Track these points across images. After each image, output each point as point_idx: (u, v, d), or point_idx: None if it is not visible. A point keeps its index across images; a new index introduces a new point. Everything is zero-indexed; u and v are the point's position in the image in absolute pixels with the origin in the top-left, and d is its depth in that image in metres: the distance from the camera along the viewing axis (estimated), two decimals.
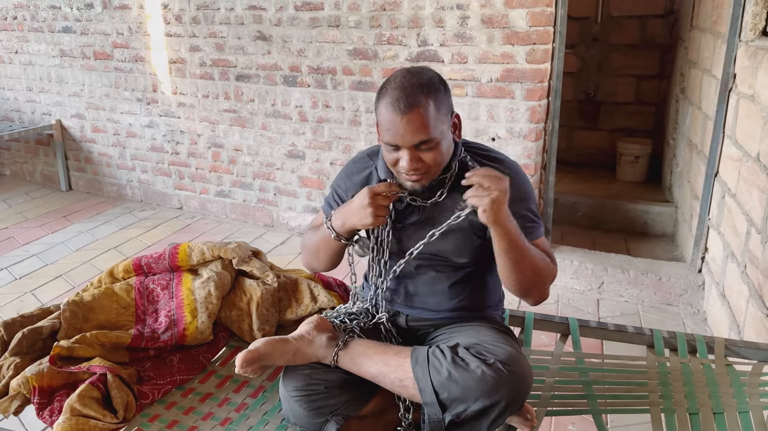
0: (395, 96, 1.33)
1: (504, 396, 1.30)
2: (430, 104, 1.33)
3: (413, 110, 1.32)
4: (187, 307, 1.81)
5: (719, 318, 2.59)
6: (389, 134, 1.35)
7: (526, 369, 1.36)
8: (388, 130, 1.35)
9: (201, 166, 4.22)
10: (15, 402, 1.55)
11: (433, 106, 1.34)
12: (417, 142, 1.34)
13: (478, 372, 1.31)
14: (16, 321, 1.72)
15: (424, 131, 1.33)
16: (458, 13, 3.10)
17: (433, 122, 1.34)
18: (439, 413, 1.34)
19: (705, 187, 2.88)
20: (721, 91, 2.69)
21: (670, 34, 4.43)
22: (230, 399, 1.62)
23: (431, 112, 1.33)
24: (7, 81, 4.97)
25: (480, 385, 1.30)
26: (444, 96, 1.38)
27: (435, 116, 1.34)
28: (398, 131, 1.34)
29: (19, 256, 3.59)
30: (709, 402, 1.55)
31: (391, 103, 1.33)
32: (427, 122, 1.33)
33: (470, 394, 1.30)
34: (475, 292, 1.57)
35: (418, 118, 1.32)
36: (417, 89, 1.33)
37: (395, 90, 1.34)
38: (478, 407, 1.31)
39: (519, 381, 1.33)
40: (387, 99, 1.35)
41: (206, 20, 3.85)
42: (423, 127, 1.33)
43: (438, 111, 1.35)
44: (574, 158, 4.84)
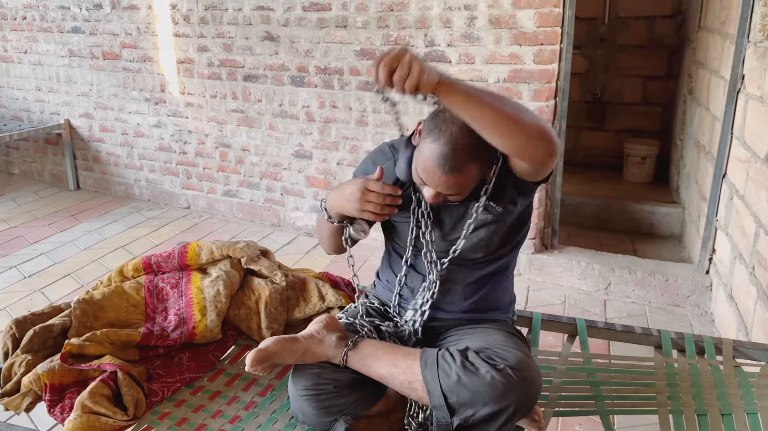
0: (444, 153, 1.30)
1: (513, 402, 1.30)
2: (470, 174, 1.35)
3: (455, 175, 1.32)
4: (197, 306, 1.82)
5: (727, 319, 2.59)
6: (424, 175, 1.35)
7: (536, 375, 1.37)
8: (425, 171, 1.34)
9: (208, 165, 4.23)
10: (26, 399, 1.56)
11: (472, 176, 1.36)
12: (444, 193, 1.38)
13: (488, 377, 1.31)
14: (28, 319, 1.74)
15: (457, 191, 1.37)
16: (466, 13, 3.10)
17: (465, 187, 1.37)
18: (447, 417, 1.35)
19: (713, 188, 2.87)
20: (730, 92, 2.68)
21: (677, 35, 4.42)
22: (239, 398, 1.63)
23: (468, 180, 1.36)
24: (16, 81, 5.00)
25: (489, 390, 1.30)
26: (487, 153, 1.35)
27: (469, 183, 1.37)
28: (433, 181, 1.35)
29: (28, 255, 3.62)
30: (717, 404, 1.55)
31: (438, 156, 1.30)
32: (463, 186, 1.36)
33: (479, 399, 1.31)
34: (488, 294, 1.57)
35: (456, 181, 1.34)
36: (468, 155, 1.31)
37: (447, 146, 1.29)
38: (486, 412, 1.31)
39: (528, 386, 1.33)
40: (436, 147, 1.30)
41: (214, 20, 3.86)
42: (458, 187, 1.36)
43: (475, 178, 1.37)
44: (581, 159, 4.83)
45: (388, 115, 3.46)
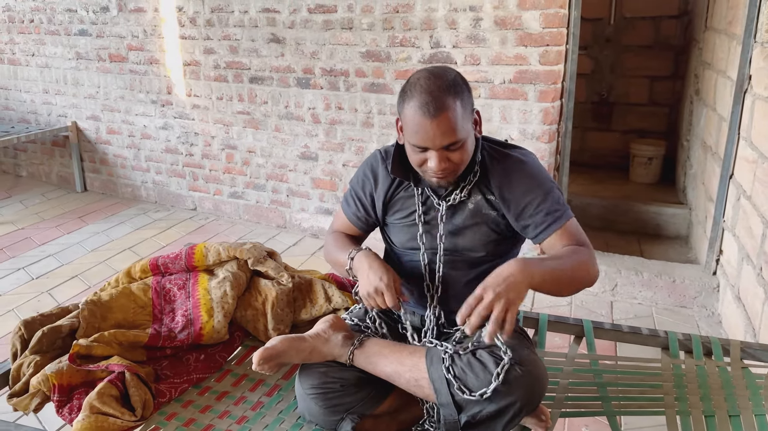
0: (423, 100, 1.33)
1: (519, 398, 1.31)
2: (458, 106, 1.35)
3: (442, 114, 1.32)
4: (204, 307, 1.83)
5: (734, 320, 2.58)
6: (417, 137, 1.36)
7: (542, 371, 1.37)
8: (417, 133, 1.36)
9: (215, 167, 4.25)
10: (35, 399, 1.57)
11: (460, 107, 1.35)
12: (447, 143, 1.36)
13: (495, 373, 1.31)
14: (36, 319, 1.75)
15: (453, 133, 1.35)
16: (471, 14, 3.11)
17: (461, 123, 1.35)
18: (454, 414, 1.35)
19: (720, 188, 2.86)
20: (737, 93, 2.67)
21: (683, 35, 4.41)
22: (246, 398, 1.64)
23: (459, 113, 1.35)
24: (24, 83, 5.03)
25: (495, 386, 1.30)
26: (468, 95, 1.40)
27: (462, 117, 1.36)
28: (428, 134, 1.35)
29: (35, 256, 3.64)
30: (725, 405, 1.55)
31: (420, 107, 1.34)
32: (456, 124, 1.34)
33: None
34: None
35: (448, 121, 1.33)
36: (444, 92, 1.34)
37: (422, 94, 1.34)
38: (493, 408, 1.32)
39: (534, 382, 1.33)
40: (414, 103, 1.35)
41: (220, 23, 3.88)
42: (452, 129, 1.34)
43: (464, 111, 1.37)
44: (587, 159, 4.82)
45: (393, 117, 3.47)
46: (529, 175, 1.48)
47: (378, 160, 1.62)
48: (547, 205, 1.46)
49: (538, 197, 1.46)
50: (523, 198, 1.47)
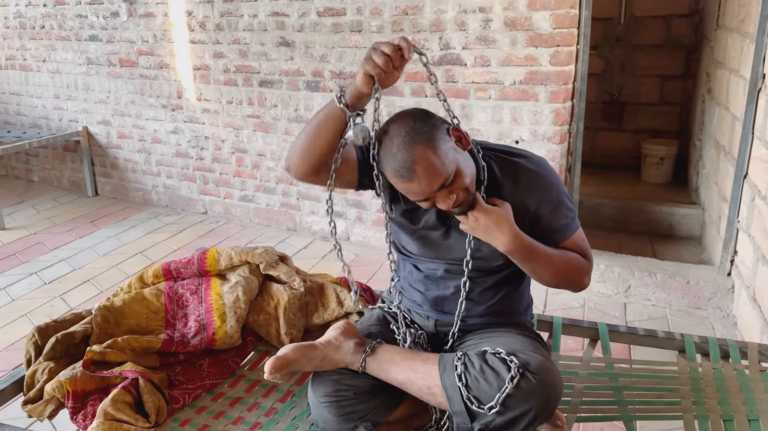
0: (393, 167, 1.32)
1: (534, 406, 1.29)
2: (428, 152, 1.30)
3: (417, 172, 1.30)
4: (216, 312, 1.83)
5: (750, 322, 2.55)
6: (411, 196, 1.38)
7: (557, 378, 1.35)
8: (408, 193, 1.37)
9: (225, 171, 4.26)
10: (49, 406, 1.57)
11: (432, 152, 1.30)
12: (438, 186, 1.32)
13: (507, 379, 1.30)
14: (50, 326, 1.75)
15: (439, 176, 1.31)
16: (481, 16, 3.09)
17: (441, 164, 1.31)
18: (468, 422, 1.34)
19: (734, 188, 2.83)
20: (750, 92, 2.65)
21: (695, 34, 4.37)
22: (259, 404, 1.63)
23: (434, 158, 1.30)
24: (35, 89, 5.07)
25: (510, 394, 1.29)
26: (431, 130, 1.33)
27: (439, 158, 1.31)
28: (416, 191, 1.34)
29: (48, 261, 3.66)
30: (744, 409, 1.53)
31: (395, 174, 1.33)
32: (436, 168, 1.30)
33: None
34: (504, 297, 1.57)
35: (426, 174, 1.30)
36: (408, 151, 1.30)
37: (391, 161, 1.32)
38: (507, 416, 1.30)
39: (549, 389, 1.32)
40: (389, 171, 1.34)
41: (230, 27, 3.88)
42: (435, 174, 1.31)
43: (439, 150, 1.31)
44: (599, 160, 4.79)
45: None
46: (540, 185, 1.47)
47: None
48: (556, 216, 1.47)
49: (548, 208, 1.46)
50: (534, 208, 1.46)
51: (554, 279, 1.48)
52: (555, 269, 1.46)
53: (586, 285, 1.52)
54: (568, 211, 1.49)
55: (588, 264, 1.51)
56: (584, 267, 1.50)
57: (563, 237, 1.48)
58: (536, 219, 1.47)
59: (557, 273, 1.47)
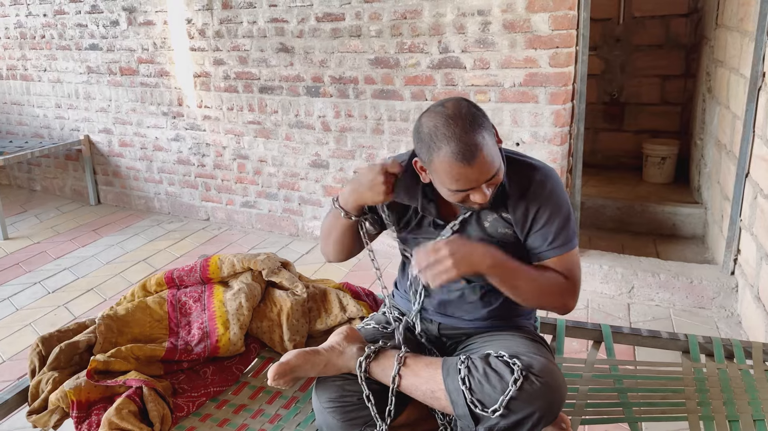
0: (456, 149, 1.29)
1: (538, 408, 1.29)
2: (487, 140, 1.32)
3: (479, 156, 1.29)
4: (219, 319, 1.83)
5: (754, 321, 2.54)
6: (459, 183, 1.33)
7: (560, 381, 1.35)
8: (457, 180, 1.32)
9: (227, 177, 4.26)
10: (54, 415, 1.58)
11: (489, 138, 1.32)
12: (489, 178, 1.33)
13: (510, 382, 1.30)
14: (54, 336, 1.75)
15: (493, 167, 1.33)
16: (479, 19, 3.10)
17: (497, 154, 1.34)
18: (472, 426, 1.34)
19: (736, 187, 2.83)
20: (750, 90, 2.64)
21: (694, 33, 4.37)
22: (264, 411, 1.63)
23: (490, 146, 1.32)
24: (36, 98, 5.09)
25: (513, 397, 1.29)
26: (486, 120, 1.36)
27: (493, 147, 1.34)
28: (470, 179, 1.32)
29: (51, 270, 3.66)
30: (749, 409, 1.52)
31: (455, 156, 1.30)
32: (493, 158, 1.32)
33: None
34: (508, 301, 1.56)
35: (485, 159, 1.31)
36: (472, 133, 1.30)
37: (452, 142, 1.30)
38: (511, 420, 1.30)
39: (553, 392, 1.31)
40: (446, 153, 1.31)
41: (229, 34, 3.90)
42: (491, 164, 1.32)
43: (492, 139, 1.34)
44: (600, 161, 4.79)
45: (403, 123, 3.47)
46: (547, 198, 1.44)
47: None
48: (554, 230, 1.45)
49: (549, 221, 1.44)
50: (535, 218, 1.45)
51: (535, 300, 1.45)
52: (537, 288, 1.43)
53: (570, 308, 1.48)
54: (568, 229, 1.47)
55: (570, 286, 1.47)
56: (566, 289, 1.46)
57: (555, 253, 1.45)
58: (533, 228, 1.45)
59: (540, 293, 1.43)
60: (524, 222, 1.45)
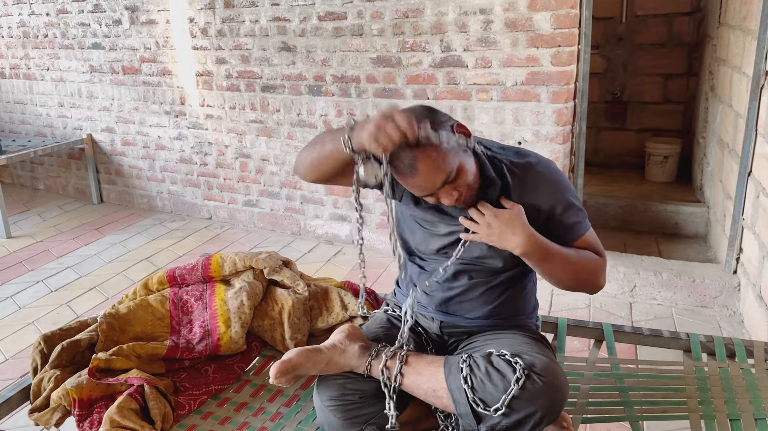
0: (397, 164, 1.30)
1: (540, 407, 1.29)
2: (430, 150, 1.28)
3: (418, 169, 1.29)
4: (221, 317, 1.83)
5: (757, 320, 2.54)
6: (415, 192, 1.36)
7: (562, 379, 1.35)
8: (412, 189, 1.35)
9: (229, 176, 4.27)
10: (56, 414, 1.58)
11: (430, 146, 1.29)
12: (441, 183, 1.32)
13: (512, 380, 1.30)
14: (56, 334, 1.76)
15: (440, 173, 1.30)
16: (481, 17, 3.09)
17: (442, 160, 1.30)
18: (474, 424, 1.34)
19: (738, 186, 2.82)
20: (753, 89, 2.64)
21: (697, 32, 4.36)
22: (265, 409, 1.64)
23: (435, 155, 1.29)
24: (39, 98, 5.10)
25: (515, 395, 1.29)
26: (438, 125, 1.32)
27: (440, 154, 1.29)
28: (420, 188, 1.33)
29: (54, 269, 3.67)
30: (751, 408, 1.52)
31: (398, 171, 1.31)
32: (438, 165, 1.29)
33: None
34: (510, 299, 1.56)
35: (428, 169, 1.29)
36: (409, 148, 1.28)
37: (395, 157, 1.30)
38: (513, 418, 1.30)
39: (555, 391, 1.31)
40: (393, 167, 1.31)
41: (231, 33, 3.90)
42: (437, 171, 1.30)
43: (437, 144, 1.30)
44: (602, 159, 4.78)
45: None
46: (550, 187, 1.46)
47: None
48: (566, 215, 1.46)
49: (559, 209, 1.46)
50: (545, 208, 1.45)
51: (571, 280, 1.46)
52: (572, 269, 1.44)
53: (602, 285, 1.50)
54: (579, 211, 1.49)
55: (602, 262, 1.49)
56: (600, 265, 1.48)
57: (576, 236, 1.47)
58: (548, 220, 1.46)
59: (575, 273, 1.45)
60: (535, 215, 1.44)
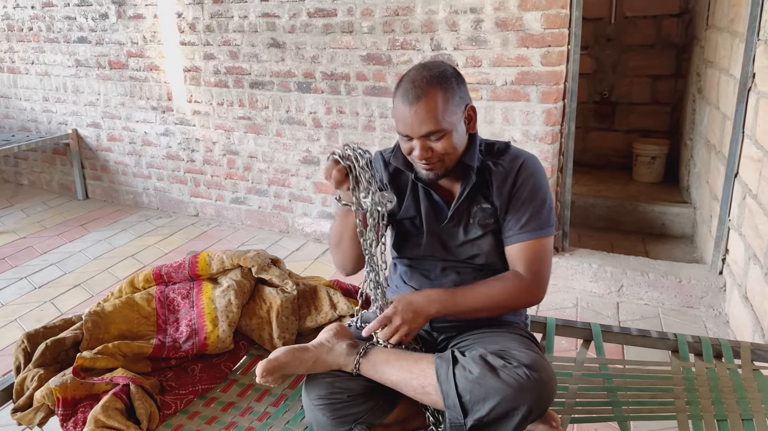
0: (405, 88, 1.40)
1: (527, 401, 1.29)
2: (439, 96, 1.38)
3: (420, 101, 1.37)
4: (208, 316, 1.81)
5: (742, 320, 2.56)
6: (401, 125, 1.42)
7: (551, 375, 1.35)
8: (399, 120, 1.42)
9: (216, 173, 4.24)
10: (39, 413, 1.55)
11: (442, 97, 1.38)
12: (425, 132, 1.39)
13: (502, 374, 1.30)
14: (39, 332, 1.73)
15: (432, 122, 1.38)
16: (472, 16, 3.09)
17: (441, 113, 1.38)
18: (460, 417, 1.33)
19: (725, 187, 2.84)
20: (740, 91, 2.66)
21: (685, 34, 4.39)
22: (252, 408, 1.62)
23: (439, 103, 1.38)
24: (24, 92, 5.03)
25: (504, 388, 1.29)
26: (455, 87, 1.42)
27: (443, 107, 1.38)
28: (407, 122, 1.40)
29: (37, 265, 3.62)
30: (738, 408, 1.53)
31: (402, 95, 1.40)
32: (435, 113, 1.38)
33: (493, 397, 1.29)
34: None
35: (425, 109, 1.37)
36: (426, 81, 1.39)
37: (406, 82, 1.41)
38: (500, 411, 1.29)
39: (543, 386, 1.31)
40: (399, 91, 1.42)
41: (220, 28, 3.87)
42: (430, 118, 1.38)
43: (447, 102, 1.39)
44: (590, 159, 4.80)
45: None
46: (524, 182, 1.49)
47: (378, 158, 1.62)
48: (528, 214, 1.48)
49: (524, 205, 1.48)
50: (510, 201, 1.49)
51: (497, 311, 1.51)
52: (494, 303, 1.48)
53: (535, 301, 1.52)
54: (542, 215, 1.49)
55: (531, 282, 1.48)
56: (525, 288, 1.48)
57: (524, 237, 1.48)
58: (509, 212, 1.49)
59: (497, 305, 1.48)
60: (504, 207, 1.49)
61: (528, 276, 1.48)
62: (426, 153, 1.41)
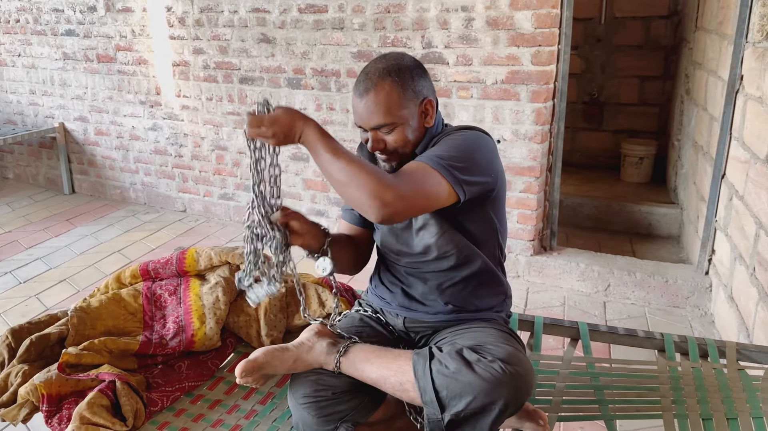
0: (359, 79, 1.41)
1: (503, 395, 1.28)
2: (389, 89, 1.38)
3: (370, 93, 1.39)
4: (195, 313, 1.80)
5: (727, 320, 2.58)
6: (355, 116, 1.45)
7: (527, 368, 1.34)
8: (354, 112, 1.44)
9: (205, 168, 4.21)
10: (23, 409, 1.54)
11: (394, 90, 1.39)
12: (374, 124, 1.41)
13: (478, 369, 1.29)
14: (24, 328, 1.71)
15: (381, 115, 1.39)
16: (463, 15, 3.09)
17: (391, 106, 1.39)
18: (438, 413, 1.33)
19: (712, 188, 2.86)
20: (728, 93, 2.68)
21: (674, 35, 4.42)
22: (239, 406, 1.61)
23: (389, 96, 1.38)
24: (10, 84, 4.97)
25: (479, 383, 1.28)
26: (410, 81, 1.41)
27: (394, 101, 1.39)
28: (359, 113, 1.42)
29: (23, 260, 3.59)
30: (722, 407, 1.54)
31: (356, 86, 1.42)
32: (384, 106, 1.38)
33: (469, 392, 1.28)
34: (472, 293, 1.55)
35: (374, 101, 1.38)
36: (378, 74, 1.39)
37: (362, 74, 1.42)
38: (477, 405, 1.29)
39: (519, 379, 1.30)
40: (355, 83, 1.43)
41: (210, 23, 3.84)
42: (380, 110, 1.39)
43: (400, 95, 1.39)
44: (578, 159, 4.83)
45: None
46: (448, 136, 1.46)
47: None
48: (431, 150, 1.41)
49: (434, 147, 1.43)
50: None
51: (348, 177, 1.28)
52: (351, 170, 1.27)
53: (384, 201, 1.26)
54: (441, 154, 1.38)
55: (393, 181, 1.30)
56: (383, 180, 1.27)
57: (414, 161, 1.40)
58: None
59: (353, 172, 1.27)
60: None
61: (393, 179, 1.31)
62: (378, 144, 1.43)
